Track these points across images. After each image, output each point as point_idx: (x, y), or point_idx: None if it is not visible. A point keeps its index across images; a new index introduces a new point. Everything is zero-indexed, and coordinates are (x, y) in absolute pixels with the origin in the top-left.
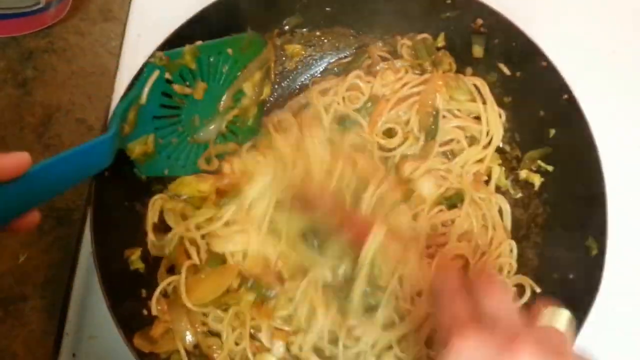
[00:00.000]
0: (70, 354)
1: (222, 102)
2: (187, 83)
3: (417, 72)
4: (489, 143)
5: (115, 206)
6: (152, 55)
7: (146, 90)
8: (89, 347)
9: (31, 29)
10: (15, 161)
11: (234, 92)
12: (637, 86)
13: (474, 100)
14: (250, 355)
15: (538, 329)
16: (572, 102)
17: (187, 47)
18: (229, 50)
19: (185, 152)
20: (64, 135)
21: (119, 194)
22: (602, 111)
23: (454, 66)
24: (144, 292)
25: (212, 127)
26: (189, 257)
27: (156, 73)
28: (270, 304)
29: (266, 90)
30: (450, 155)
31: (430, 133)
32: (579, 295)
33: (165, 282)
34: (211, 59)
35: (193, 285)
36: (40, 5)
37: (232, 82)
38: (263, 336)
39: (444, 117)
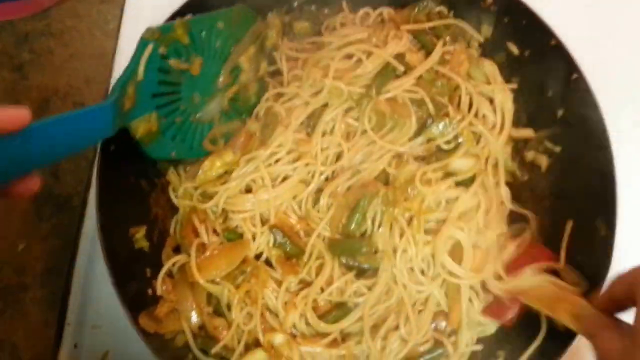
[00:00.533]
0: (72, 345)
1: (220, 79)
2: (183, 58)
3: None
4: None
5: (121, 182)
6: (145, 31)
7: (142, 65)
8: (92, 337)
9: (28, 12)
10: (16, 115)
11: (231, 67)
12: None
13: (489, 82)
14: (260, 333)
15: None
16: (581, 81)
17: (178, 21)
18: (220, 24)
19: (191, 133)
20: None
21: (126, 169)
22: (612, 90)
23: (478, 48)
24: (148, 272)
25: (213, 104)
26: (197, 235)
27: (150, 47)
28: (293, 261)
29: (263, 66)
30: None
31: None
32: (588, 277)
33: (170, 262)
34: (203, 34)
35: (204, 262)
36: None
37: (227, 57)
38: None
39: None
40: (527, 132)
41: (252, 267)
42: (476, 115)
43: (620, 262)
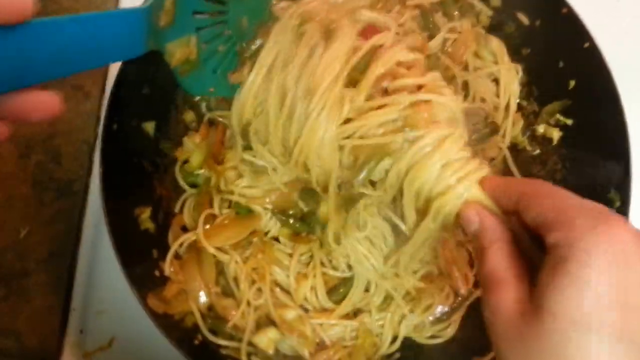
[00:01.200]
0: (78, 330)
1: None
2: None
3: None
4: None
5: (124, 163)
6: None
7: None
8: (97, 323)
9: None
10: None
11: None
12: None
13: (496, 62)
14: (271, 307)
15: None
16: (594, 50)
17: None
18: None
19: (235, 67)
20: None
21: (127, 150)
22: (626, 60)
23: (488, 20)
24: (155, 253)
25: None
26: (211, 206)
27: None
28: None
29: None
30: None
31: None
32: None
33: (179, 241)
34: None
35: (213, 230)
36: None
37: None
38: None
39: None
40: None
41: (259, 239)
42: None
43: None
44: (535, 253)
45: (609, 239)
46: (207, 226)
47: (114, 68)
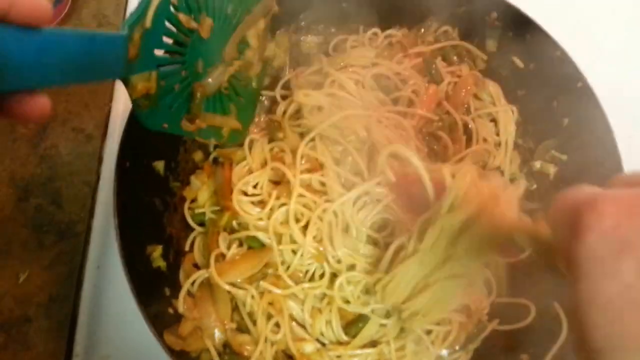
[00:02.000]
0: None
1: (226, 49)
2: (193, 16)
3: (444, 62)
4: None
5: (135, 200)
6: None
7: (151, 10)
8: None
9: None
10: (37, 5)
11: (238, 39)
12: None
13: (494, 103)
14: (290, 342)
15: None
16: (587, 89)
17: None
18: None
19: (187, 106)
20: (61, 145)
21: (139, 187)
22: (617, 97)
23: (484, 65)
24: (167, 291)
25: (213, 77)
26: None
27: None
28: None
29: (270, 47)
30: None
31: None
32: None
33: (191, 279)
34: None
35: (225, 266)
36: None
37: (237, 26)
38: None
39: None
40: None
41: (274, 270)
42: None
43: None
44: None
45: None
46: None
47: (116, 111)
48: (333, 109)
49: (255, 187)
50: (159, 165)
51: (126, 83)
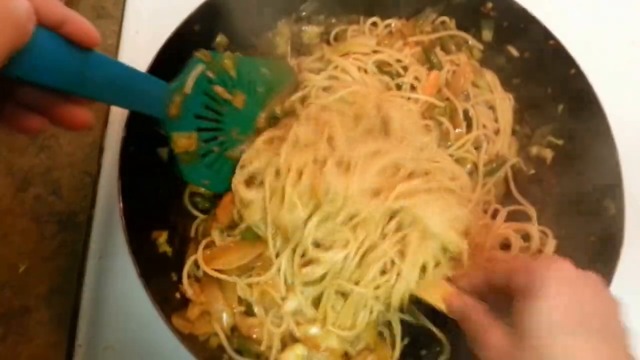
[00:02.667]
0: None
1: (258, 121)
2: (228, 90)
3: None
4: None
5: (140, 186)
6: (198, 51)
7: (191, 80)
8: (105, 359)
9: None
10: (90, 31)
11: (269, 113)
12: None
13: (491, 91)
14: (295, 328)
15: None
16: (580, 76)
17: (228, 53)
18: (264, 70)
19: (226, 167)
20: (61, 135)
21: (143, 172)
22: (610, 81)
23: (480, 54)
24: (174, 276)
25: (245, 146)
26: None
27: (200, 67)
28: None
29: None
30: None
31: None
32: (603, 254)
33: (190, 260)
34: (249, 74)
35: (216, 253)
36: None
37: (268, 102)
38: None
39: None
40: None
41: (262, 262)
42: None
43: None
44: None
45: (560, 269)
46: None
47: None
48: (339, 88)
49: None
50: (163, 151)
51: (169, 138)
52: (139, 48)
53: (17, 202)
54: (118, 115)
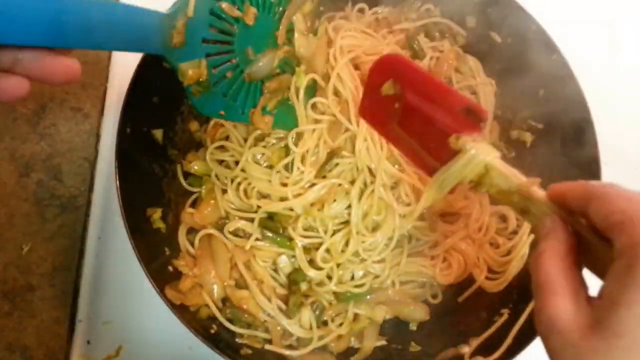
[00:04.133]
0: (85, 341)
1: (276, 34)
2: (237, 6)
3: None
4: None
5: (136, 166)
6: None
7: (192, 1)
8: (104, 333)
9: None
10: None
11: (286, 25)
12: (622, 42)
13: (474, 76)
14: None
15: None
16: (561, 61)
17: None
18: None
19: (243, 93)
20: (60, 123)
21: (139, 153)
22: (590, 66)
23: (464, 41)
24: (167, 250)
25: (265, 60)
26: None
27: None
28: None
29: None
30: None
31: None
32: None
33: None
34: None
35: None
36: None
37: (282, 12)
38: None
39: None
40: None
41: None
42: None
43: None
44: (606, 258)
45: None
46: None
47: (112, 90)
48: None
49: None
50: (158, 133)
51: (176, 70)
52: None
53: (20, 187)
54: (114, 104)
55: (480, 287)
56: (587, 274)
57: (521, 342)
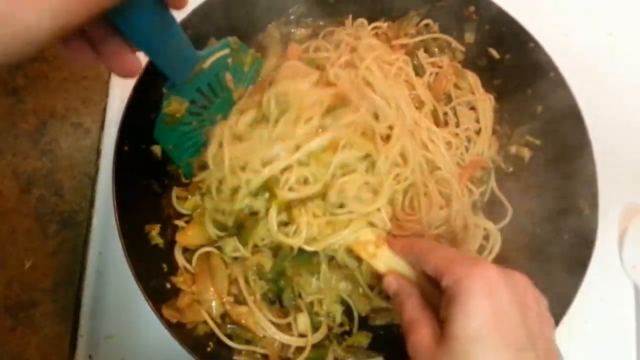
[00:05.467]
0: (87, 356)
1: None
2: (235, 80)
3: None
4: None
5: (134, 182)
6: (232, 38)
7: (213, 58)
8: (106, 347)
9: None
10: None
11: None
12: (619, 59)
13: (473, 92)
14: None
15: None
16: (559, 78)
17: (252, 51)
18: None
19: (193, 143)
20: (61, 139)
21: (137, 170)
22: (588, 84)
23: (462, 56)
24: (165, 267)
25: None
26: None
27: (226, 51)
28: None
29: None
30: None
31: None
32: (575, 252)
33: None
34: (255, 70)
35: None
36: None
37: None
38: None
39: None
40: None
41: None
42: (458, 126)
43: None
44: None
45: (481, 278)
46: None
47: (112, 106)
48: None
49: None
50: (157, 149)
51: (166, 97)
52: None
53: (22, 202)
54: (114, 120)
55: None
56: None
57: None
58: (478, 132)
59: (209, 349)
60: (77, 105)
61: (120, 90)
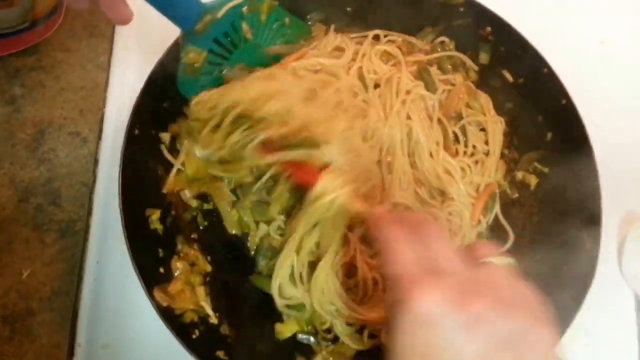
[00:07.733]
0: None
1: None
2: (252, 31)
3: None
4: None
5: (140, 164)
6: None
7: (226, 7)
8: (103, 357)
9: (16, 48)
10: None
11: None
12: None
13: (484, 113)
14: None
15: (484, 273)
16: (571, 107)
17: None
18: (289, 32)
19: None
20: (59, 149)
21: (144, 154)
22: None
23: (476, 76)
24: (161, 252)
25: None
26: None
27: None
28: None
29: None
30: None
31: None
32: (572, 284)
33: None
34: (275, 27)
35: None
36: (26, 25)
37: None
38: None
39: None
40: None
41: None
42: (466, 145)
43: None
44: None
45: (409, 311)
46: None
47: (110, 116)
48: None
49: None
50: (166, 136)
51: (183, 47)
52: (129, 64)
53: (20, 212)
54: (111, 129)
55: None
56: None
57: None
58: (487, 154)
59: (194, 336)
60: (74, 115)
61: (117, 100)
